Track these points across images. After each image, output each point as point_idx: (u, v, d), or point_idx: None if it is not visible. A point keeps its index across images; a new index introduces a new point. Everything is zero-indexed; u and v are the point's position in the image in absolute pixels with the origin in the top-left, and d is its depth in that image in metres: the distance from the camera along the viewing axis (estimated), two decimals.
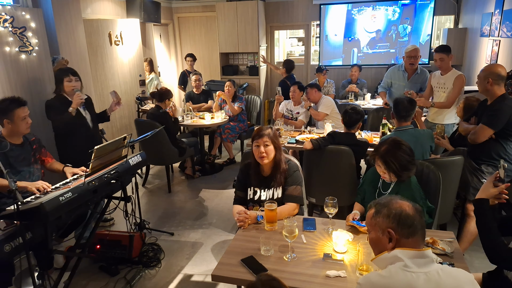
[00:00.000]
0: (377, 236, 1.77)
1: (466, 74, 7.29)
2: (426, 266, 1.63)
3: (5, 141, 3.38)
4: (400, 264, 1.63)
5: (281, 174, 3.03)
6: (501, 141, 3.56)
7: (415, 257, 1.64)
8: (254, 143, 3.01)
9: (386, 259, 1.70)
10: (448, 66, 4.70)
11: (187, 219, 4.95)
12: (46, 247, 2.89)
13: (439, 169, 3.09)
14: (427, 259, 1.65)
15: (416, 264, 1.62)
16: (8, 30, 4.24)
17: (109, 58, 6.69)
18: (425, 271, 1.61)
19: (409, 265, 1.62)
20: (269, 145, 2.98)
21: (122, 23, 6.93)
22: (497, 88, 3.52)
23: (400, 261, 1.64)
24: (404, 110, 3.78)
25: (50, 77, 4.78)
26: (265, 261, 2.37)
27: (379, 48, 8.92)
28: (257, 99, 7.47)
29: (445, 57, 4.64)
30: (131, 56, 7.15)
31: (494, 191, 2.23)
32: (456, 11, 8.33)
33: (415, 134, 3.77)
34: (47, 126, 4.59)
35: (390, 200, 1.80)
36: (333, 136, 4.16)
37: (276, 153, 3.02)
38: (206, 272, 3.81)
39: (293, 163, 3.13)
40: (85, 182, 3.03)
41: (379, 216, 1.77)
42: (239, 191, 3.20)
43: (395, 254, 1.67)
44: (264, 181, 3.09)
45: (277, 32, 10.06)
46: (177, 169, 6.71)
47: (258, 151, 2.98)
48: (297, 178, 3.06)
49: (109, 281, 3.70)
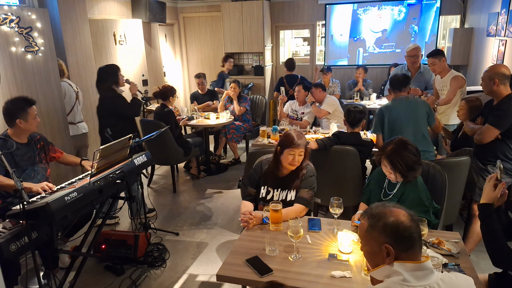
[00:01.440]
0: (373, 250, 1.65)
1: (472, 74, 7.27)
2: (425, 279, 1.56)
3: (11, 140, 3.40)
4: (398, 279, 1.56)
5: (300, 178, 3.03)
6: (507, 142, 3.54)
7: (414, 270, 1.56)
8: (289, 151, 2.93)
9: (384, 272, 1.62)
10: (442, 69, 4.75)
11: (192, 219, 4.95)
12: (51, 247, 2.90)
13: (446, 169, 3.08)
14: (426, 271, 1.57)
15: (415, 278, 1.55)
16: (14, 30, 4.26)
17: (114, 57, 6.70)
18: (424, 284, 1.54)
19: (408, 279, 1.54)
20: (302, 155, 2.98)
21: (126, 23, 6.96)
22: (503, 88, 3.50)
23: (399, 275, 1.57)
24: (397, 82, 4.18)
25: (56, 77, 4.80)
26: (270, 261, 2.37)
27: (384, 48, 8.89)
28: (262, 99, 7.47)
29: (437, 61, 4.72)
30: (134, 56, 7.17)
31: (496, 193, 2.22)
32: (462, 11, 8.29)
33: (409, 102, 4.13)
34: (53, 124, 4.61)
35: (384, 210, 1.67)
36: (338, 136, 4.15)
37: (303, 161, 3.03)
38: (211, 272, 3.81)
39: (311, 168, 3.12)
40: (90, 182, 3.04)
41: (375, 230, 1.63)
42: (250, 188, 3.18)
43: (393, 269, 1.58)
44: (280, 181, 3.08)
45: (282, 32, 10.05)
46: (182, 169, 6.71)
47: (291, 159, 2.94)
48: (311, 182, 3.05)
49: (114, 280, 3.70)
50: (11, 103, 3.40)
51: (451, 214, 3.69)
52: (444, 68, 4.83)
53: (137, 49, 7.23)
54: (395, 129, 4.06)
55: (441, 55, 4.77)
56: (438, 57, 4.73)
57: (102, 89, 4.55)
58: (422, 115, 4.08)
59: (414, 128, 4.03)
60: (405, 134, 3.93)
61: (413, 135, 3.96)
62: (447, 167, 3.28)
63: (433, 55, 4.79)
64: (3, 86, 4.18)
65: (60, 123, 4.90)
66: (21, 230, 2.68)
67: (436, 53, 4.78)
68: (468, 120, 4.05)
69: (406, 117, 4.05)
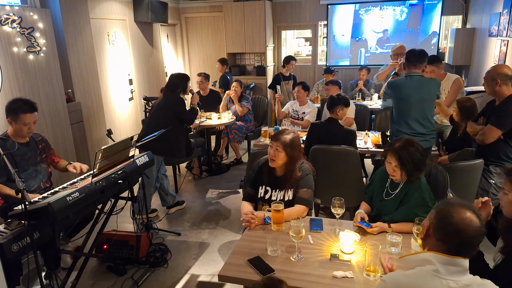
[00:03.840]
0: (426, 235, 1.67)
1: (474, 74, 7.25)
2: (458, 275, 1.54)
3: (11, 140, 3.41)
4: (430, 268, 1.55)
5: (293, 177, 3.02)
6: (510, 142, 3.53)
7: (447, 264, 1.54)
8: (269, 143, 3.04)
9: (416, 260, 1.63)
10: (439, 75, 4.74)
11: (194, 219, 4.95)
12: (53, 247, 2.89)
13: (459, 172, 3.06)
14: (460, 268, 1.55)
15: (447, 271, 1.53)
16: (16, 31, 4.27)
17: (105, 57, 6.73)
18: (456, 279, 1.52)
19: (440, 271, 1.53)
20: (279, 151, 2.96)
21: (117, 24, 6.99)
22: (505, 89, 3.49)
23: (431, 265, 1.56)
24: (413, 57, 4.09)
25: (58, 77, 4.81)
26: (272, 261, 2.36)
27: (386, 48, 8.87)
28: (264, 99, 7.47)
29: (435, 69, 4.73)
30: (122, 55, 7.19)
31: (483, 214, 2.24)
32: (464, 11, 8.28)
33: (421, 80, 4.08)
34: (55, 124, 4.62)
35: None
36: (313, 128, 4.39)
37: (287, 162, 3.00)
38: (213, 273, 3.81)
39: (306, 166, 3.09)
40: (92, 182, 3.04)
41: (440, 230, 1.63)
42: (249, 188, 3.18)
43: (426, 257, 1.58)
44: (276, 181, 3.08)
45: (284, 32, 10.06)
46: (184, 170, 6.71)
47: (271, 154, 2.98)
48: (308, 181, 3.04)
49: (116, 281, 3.70)
50: (11, 101, 3.44)
51: None
52: (440, 73, 4.83)
53: (125, 49, 7.26)
54: (402, 106, 4.13)
55: (439, 62, 4.77)
56: (436, 65, 4.72)
57: (170, 94, 4.74)
58: (432, 97, 4.11)
59: (421, 107, 4.07)
60: (412, 112, 4.06)
61: (420, 114, 4.05)
62: (461, 170, 3.28)
63: (431, 62, 4.73)
64: (5, 87, 4.19)
65: (62, 123, 4.92)
66: (23, 231, 2.68)
67: (433, 60, 4.73)
68: (461, 121, 4.12)
69: (416, 96, 4.05)
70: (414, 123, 4.07)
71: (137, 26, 7.54)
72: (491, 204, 2.28)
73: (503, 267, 1.99)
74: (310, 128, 4.45)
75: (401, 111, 4.14)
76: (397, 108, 4.20)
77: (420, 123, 4.07)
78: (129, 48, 7.29)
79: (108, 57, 6.70)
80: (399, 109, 4.17)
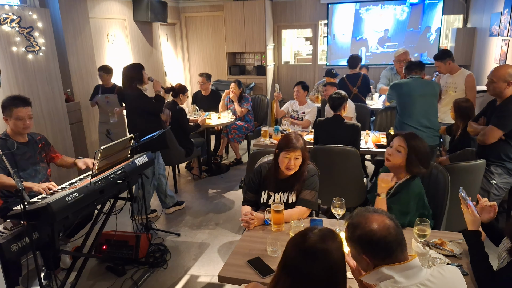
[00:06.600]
0: (356, 258, 1.72)
1: (475, 74, 7.21)
2: (415, 277, 1.59)
3: (11, 140, 3.40)
4: (390, 281, 1.58)
5: (300, 181, 2.95)
6: (510, 142, 3.52)
7: (403, 270, 1.59)
8: (284, 154, 2.84)
9: (374, 276, 1.65)
10: (450, 69, 4.73)
11: (193, 219, 4.94)
12: (53, 247, 2.89)
13: (462, 173, 3.04)
14: (415, 269, 1.60)
15: (405, 277, 1.58)
16: (15, 30, 4.26)
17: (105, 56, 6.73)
18: (415, 282, 1.57)
19: (399, 281, 1.57)
20: (299, 159, 2.87)
21: (116, 23, 6.98)
22: (511, 90, 3.48)
23: (389, 278, 1.59)
24: (413, 65, 4.43)
25: (57, 76, 4.80)
26: (272, 262, 2.35)
27: (387, 48, 8.87)
28: (264, 99, 7.45)
29: (442, 64, 4.74)
30: (122, 55, 7.18)
31: (482, 216, 2.27)
32: (465, 10, 8.27)
33: (422, 80, 4.39)
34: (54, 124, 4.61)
35: (360, 220, 1.69)
36: (319, 124, 4.45)
37: (303, 164, 2.92)
38: (213, 273, 3.80)
39: (311, 167, 3.03)
40: (92, 182, 3.03)
41: (352, 241, 1.69)
42: (250, 192, 3.10)
43: (383, 272, 1.61)
44: (280, 184, 2.99)
45: (284, 31, 10.05)
46: (184, 170, 6.70)
47: (287, 163, 2.85)
48: (313, 182, 2.98)
49: (115, 281, 3.69)
50: (4, 99, 3.45)
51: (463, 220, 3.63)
52: (451, 68, 4.76)
53: (124, 49, 7.26)
54: (406, 100, 4.30)
55: (446, 58, 4.71)
56: (443, 60, 4.71)
57: (128, 89, 4.55)
58: (434, 93, 4.36)
59: (424, 104, 4.26)
60: (416, 109, 4.22)
61: (423, 111, 4.23)
62: (462, 170, 3.27)
63: (438, 58, 4.75)
64: (4, 86, 4.18)
65: (61, 123, 4.91)
66: (22, 231, 2.67)
67: (441, 56, 4.74)
68: (455, 119, 4.17)
69: (419, 92, 4.25)
70: (419, 117, 4.23)
71: (137, 26, 7.53)
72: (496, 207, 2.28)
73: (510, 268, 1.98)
74: (317, 124, 4.51)
75: (406, 105, 4.30)
76: (401, 104, 4.37)
77: (425, 117, 4.23)
78: (128, 47, 7.29)
79: (107, 57, 6.70)
80: (403, 104, 4.34)
